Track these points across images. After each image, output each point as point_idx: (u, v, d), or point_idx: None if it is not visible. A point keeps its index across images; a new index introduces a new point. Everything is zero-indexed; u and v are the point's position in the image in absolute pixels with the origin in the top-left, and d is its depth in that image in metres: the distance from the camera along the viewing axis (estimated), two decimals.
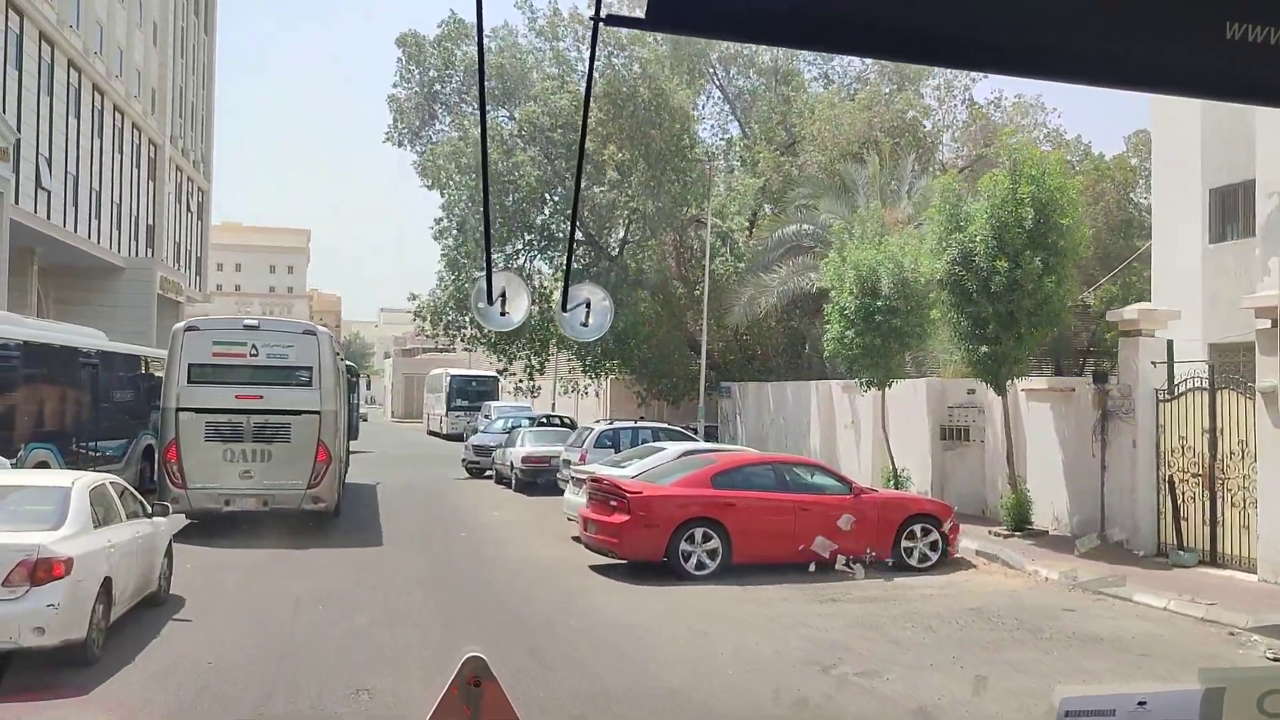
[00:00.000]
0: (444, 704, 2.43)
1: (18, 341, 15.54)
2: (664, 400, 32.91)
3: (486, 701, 2.44)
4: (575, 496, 17.05)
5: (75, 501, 8.98)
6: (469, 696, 2.44)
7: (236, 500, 15.92)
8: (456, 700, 2.44)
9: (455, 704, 2.44)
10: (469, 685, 2.44)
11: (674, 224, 29.85)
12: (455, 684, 2.44)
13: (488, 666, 2.46)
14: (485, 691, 2.44)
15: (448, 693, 2.44)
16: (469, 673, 2.44)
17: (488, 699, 2.44)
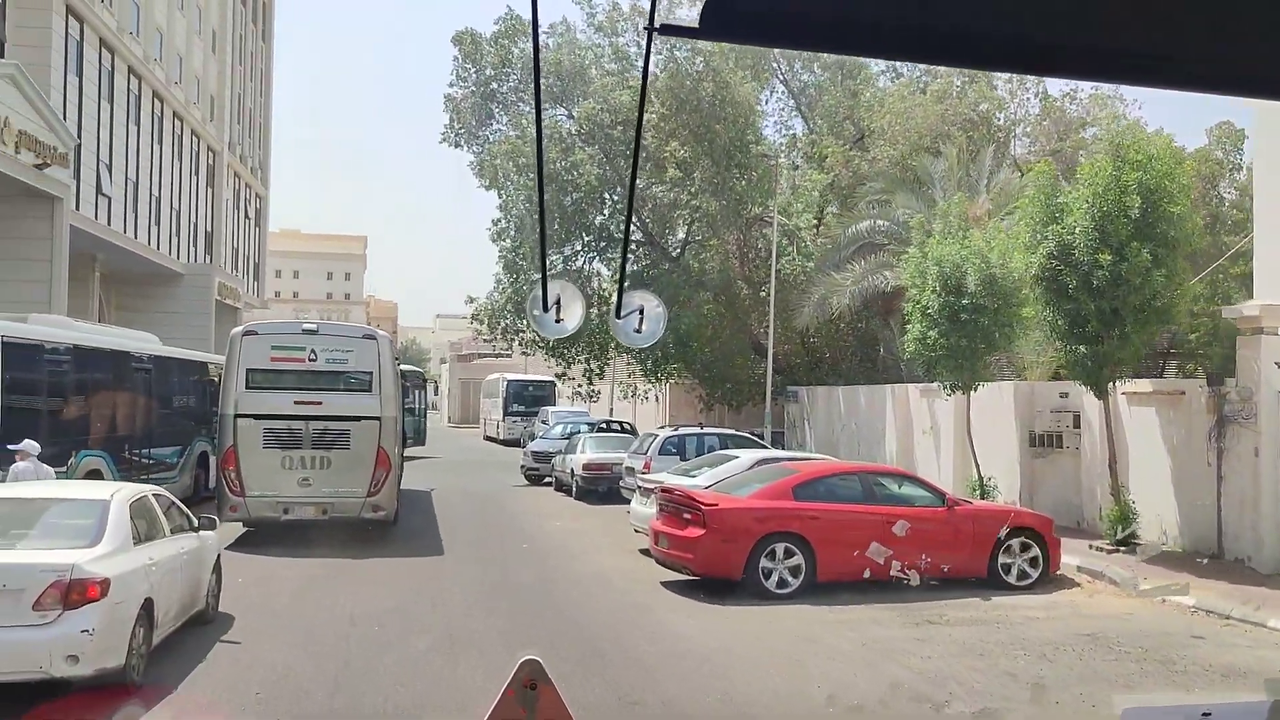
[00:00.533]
0: (500, 707, 2.43)
1: (68, 345, 15.02)
2: (726, 405, 31.89)
3: (542, 705, 2.43)
4: (643, 507, 16.14)
5: (114, 516, 8.25)
6: (525, 699, 2.43)
7: (295, 509, 15.48)
8: (513, 703, 2.43)
9: (511, 707, 2.43)
10: (525, 688, 2.43)
11: (737, 223, 28.87)
12: (511, 687, 2.43)
13: (544, 670, 2.44)
14: (541, 695, 2.43)
15: (504, 696, 2.42)
16: (525, 675, 2.44)
17: (544, 702, 2.43)
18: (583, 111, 29.02)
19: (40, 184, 26.88)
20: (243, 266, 54.74)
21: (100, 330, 17.77)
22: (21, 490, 9.22)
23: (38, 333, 14.28)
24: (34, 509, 8.47)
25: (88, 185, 33.42)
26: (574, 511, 22.08)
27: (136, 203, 38.04)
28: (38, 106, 26.80)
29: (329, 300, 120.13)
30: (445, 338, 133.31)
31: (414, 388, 38.46)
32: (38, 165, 26.64)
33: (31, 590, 7.32)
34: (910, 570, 13.05)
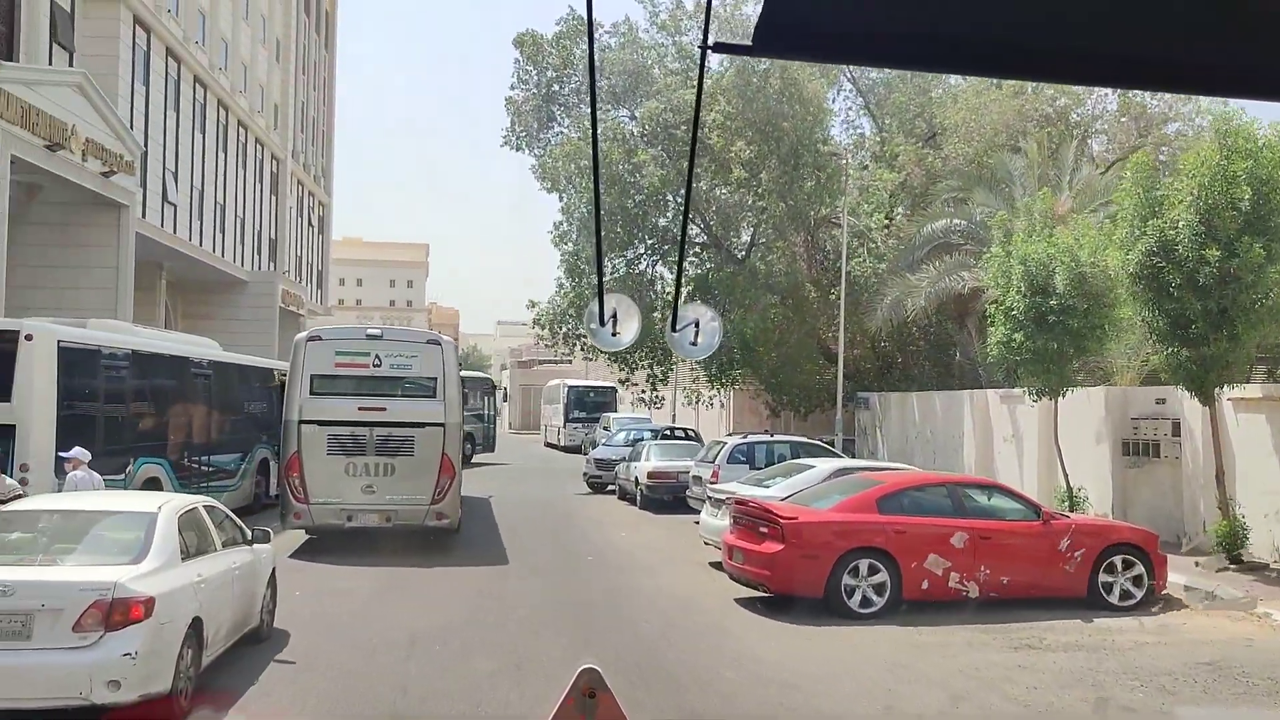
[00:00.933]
0: (559, 715, 2.44)
1: (126, 350, 14.72)
2: (793, 412, 31.01)
3: (601, 713, 2.43)
4: (714, 519, 15.42)
5: (161, 530, 7.75)
6: (584, 707, 2.43)
7: (359, 516, 15.24)
8: (572, 711, 2.43)
9: (570, 715, 2.43)
10: (584, 696, 2.43)
11: (805, 224, 28.02)
12: (571, 695, 2.43)
13: (602, 678, 2.45)
14: (600, 703, 2.43)
15: (563, 704, 2.44)
16: (584, 684, 2.44)
17: (602, 711, 2.43)
18: (645, 112, 28.40)
19: (107, 192, 26.97)
20: (306, 274, 55.08)
21: (160, 335, 17.53)
22: (64, 502, 8.79)
23: (95, 337, 13.99)
24: (78, 522, 8.01)
25: (154, 193, 33.62)
26: (639, 521, 21.42)
27: (202, 210, 38.29)
28: (104, 114, 26.89)
29: (392, 307, 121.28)
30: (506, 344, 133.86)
31: (483, 394, 39.04)
32: (104, 173, 26.73)
33: (71, 610, 6.83)
34: (1002, 589, 12.18)
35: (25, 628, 6.79)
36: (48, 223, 27.60)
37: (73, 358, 13.18)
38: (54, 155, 24.49)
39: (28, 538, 7.73)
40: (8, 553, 7.50)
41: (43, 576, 7.08)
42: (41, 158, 24.10)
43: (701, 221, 29.30)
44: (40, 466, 12.13)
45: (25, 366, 12.16)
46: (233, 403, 19.66)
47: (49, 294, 23.91)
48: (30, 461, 11.98)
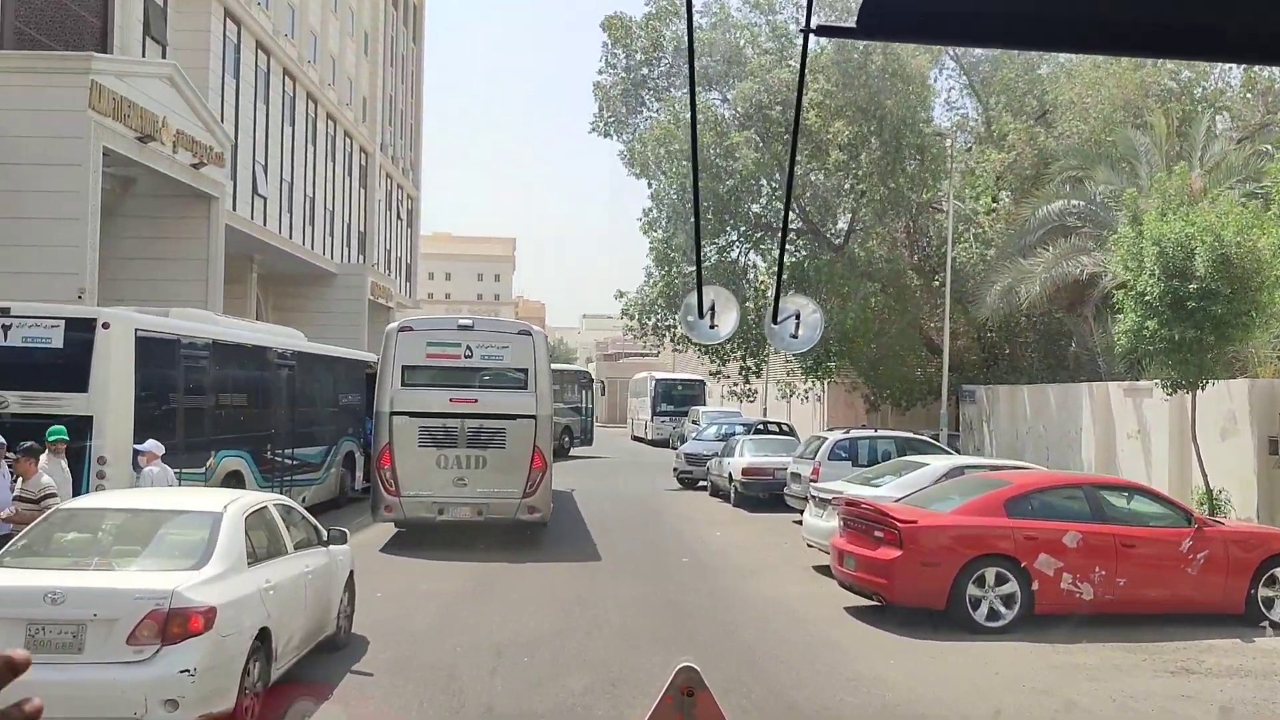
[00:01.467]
0: (657, 713, 2.40)
1: (206, 340, 14.25)
2: (894, 406, 29.63)
3: (699, 712, 2.39)
4: (818, 520, 14.37)
5: (226, 532, 7.05)
6: (682, 706, 2.39)
7: (450, 509, 14.99)
8: (670, 710, 2.40)
9: (668, 714, 2.40)
10: (682, 695, 2.40)
11: (907, 208, 26.63)
12: (669, 693, 2.40)
13: (701, 677, 2.40)
14: (698, 702, 2.40)
15: (660, 702, 2.41)
16: (682, 682, 2.41)
17: (700, 709, 2.39)
18: (739, 93, 27.30)
19: (197, 183, 26.97)
20: (395, 267, 55.26)
21: (242, 325, 17.11)
22: (123, 500, 8.16)
23: (175, 326, 13.52)
24: (137, 524, 7.36)
25: (244, 186, 33.74)
26: (734, 520, 20.43)
27: (291, 203, 38.41)
28: (195, 106, 26.86)
29: (479, 301, 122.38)
30: (592, 337, 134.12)
31: (581, 388, 39.06)
32: (195, 165, 26.71)
33: (126, 621, 6.15)
34: (1146, 603, 10.92)
35: (76, 639, 6.14)
36: (140, 215, 27.73)
37: (151, 347, 12.71)
38: (145, 147, 24.46)
39: (83, 539, 7.11)
40: (61, 555, 6.90)
41: (96, 583, 6.42)
42: (133, 149, 24.08)
43: (797, 207, 28.10)
44: (118, 460, 11.67)
45: (103, 356, 11.71)
46: (317, 394, 19.22)
47: (141, 286, 23.87)
48: (108, 454, 11.52)
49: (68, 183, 22.02)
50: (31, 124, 21.05)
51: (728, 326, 2.39)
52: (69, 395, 11.62)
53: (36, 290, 17.03)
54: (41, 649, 6.06)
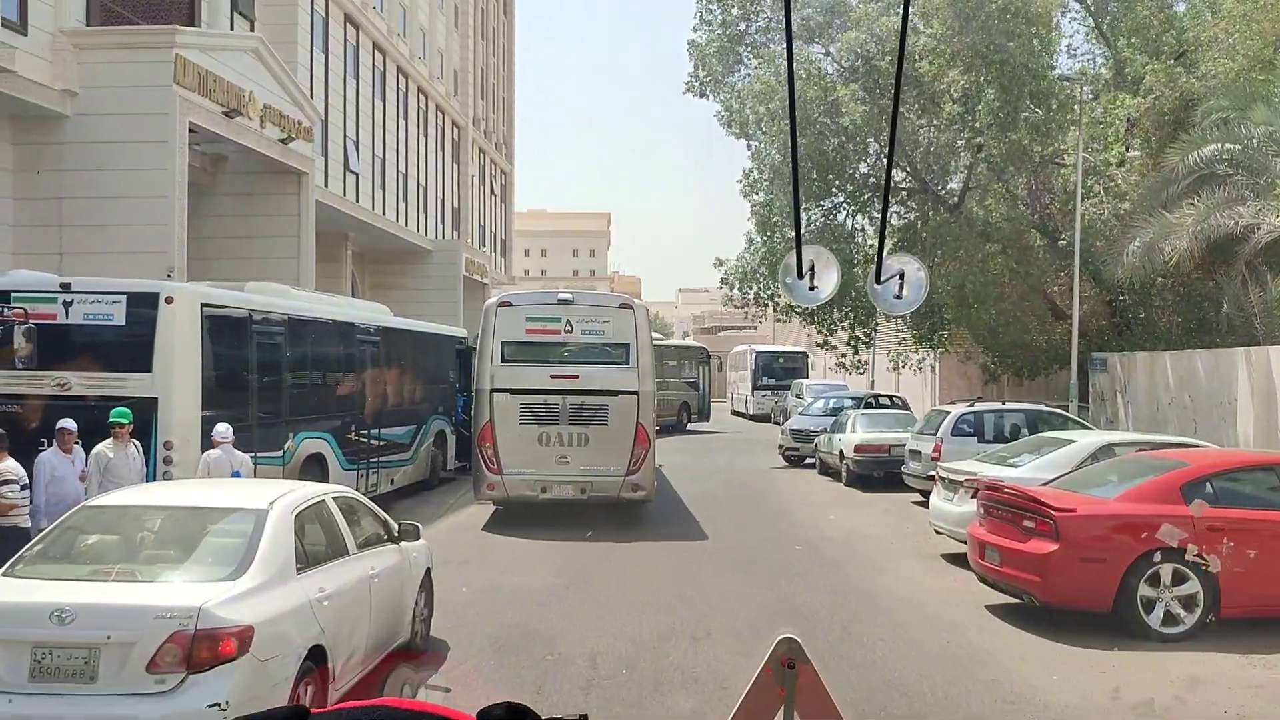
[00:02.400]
0: (757, 686, 2.39)
1: (281, 315, 13.36)
2: (1014, 376, 27.59)
3: (802, 684, 2.37)
4: (947, 504, 12.87)
5: (270, 534, 5.99)
6: (783, 678, 2.38)
7: (553, 488, 14.79)
8: (770, 682, 2.38)
9: (769, 686, 2.38)
10: (783, 667, 2.38)
11: (1029, 162, 24.54)
12: (769, 665, 2.39)
13: (802, 648, 2.37)
14: (800, 674, 2.37)
15: (761, 674, 2.38)
16: (782, 654, 2.39)
17: (803, 681, 2.37)
18: (844, 44, 25.51)
19: (286, 159, 26.52)
20: (490, 242, 54.81)
21: (322, 299, 16.27)
22: (157, 496, 7.15)
23: (245, 300, 12.64)
24: (170, 524, 6.35)
25: (335, 162, 33.34)
26: (848, 501, 18.96)
27: (384, 179, 38.00)
28: (282, 80, 26.36)
29: (575, 277, 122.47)
30: (688, 311, 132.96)
31: (698, 363, 38.79)
32: (283, 140, 26.27)
33: (145, 644, 5.14)
34: None
35: (89, 666, 5.14)
36: (231, 193, 27.49)
37: (220, 323, 11.86)
38: (232, 122, 24.02)
39: (107, 543, 6.15)
40: (80, 562, 5.93)
41: (112, 598, 5.41)
42: (219, 124, 23.63)
43: (907, 164, 26.23)
44: (186, 444, 10.84)
45: (166, 333, 10.86)
46: (405, 371, 18.37)
47: (234, 265, 23.43)
48: (174, 438, 10.70)
49: (154, 160, 21.64)
50: (117, 101, 20.69)
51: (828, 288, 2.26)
52: (133, 375, 10.82)
53: (126, 270, 16.48)
54: (48, 677, 5.09)
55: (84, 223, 19.94)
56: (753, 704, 2.41)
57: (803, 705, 2.39)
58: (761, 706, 2.41)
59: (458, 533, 14.59)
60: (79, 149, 20.33)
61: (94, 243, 19.42)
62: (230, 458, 9.98)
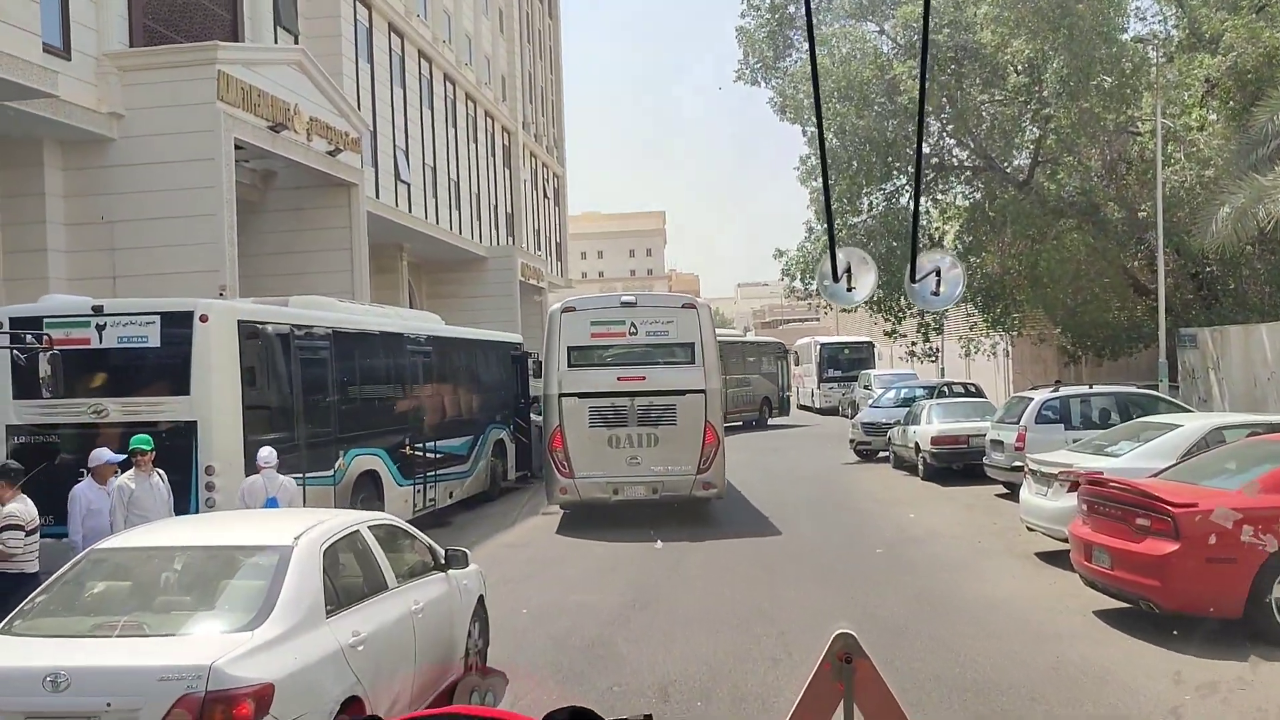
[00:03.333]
0: (816, 681, 2.38)
1: (325, 329, 12.81)
2: (1095, 357, 26.25)
3: (860, 678, 2.38)
4: (1041, 498, 11.89)
5: (295, 575, 5.34)
6: (841, 673, 2.38)
7: (625, 489, 14.91)
8: (828, 677, 2.38)
9: (827, 681, 2.38)
10: (840, 662, 2.38)
11: (1102, 131, 23.27)
12: (826, 660, 2.39)
13: (858, 643, 2.38)
14: (858, 668, 2.38)
15: (819, 670, 2.39)
16: (840, 649, 2.39)
17: (861, 675, 2.38)
18: (899, 20, 24.43)
19: (335, 171, 26.29)
20: (545, 247, 54.47)
21: (369, 311, 15.73)
22: (172, 535, 6.48)
23: (286, 315, 12.10)
24: (186, 568, 5.71)
25: (386, 173, 33.11)
26: (927, 497, 17.98)
27: (435, 188, 37.74)
28: (327, 92, 26.11)
29: (632, 277, 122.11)
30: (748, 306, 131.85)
31: (776, 358, 39.21)
32: (330, 152, 26.02)
33: (150, 712, 4.51)
34: None
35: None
36: (282, 209, 27.36)
37: (259, 339, 11.33)
38: (278, 136, 23.79)
39: (116, 591, 5.54)
40: (85, 614, 5.33)
41: (112, 659, 4.79)
42: (265, 139, 23.40)
43: (971, 141, 25.09)
44: (229, 468, 10.32)
45: (203, 352, 10.36)
46: (459, 381, 17.82)
47: (287, 281, 23.17)
48: (216, 463, 10.18)
49: (202, 178, 21.46)
50: (163, 121, 20.54)
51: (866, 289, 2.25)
52: (171, 399, 10.33)
53: (179, 292, 16.20)
54: None
55: (135, 245, 19.80)
56: (812, 701, 2.40)
57: (862, 700, 2.39)
58: (821, 703, 2.39)
59: (518, 547, 13.97)
60: (127, 171, 20.19)
61: (146, 265, 19.24)
62: (269, 483, 9.42)
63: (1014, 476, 16.27)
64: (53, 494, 9.33)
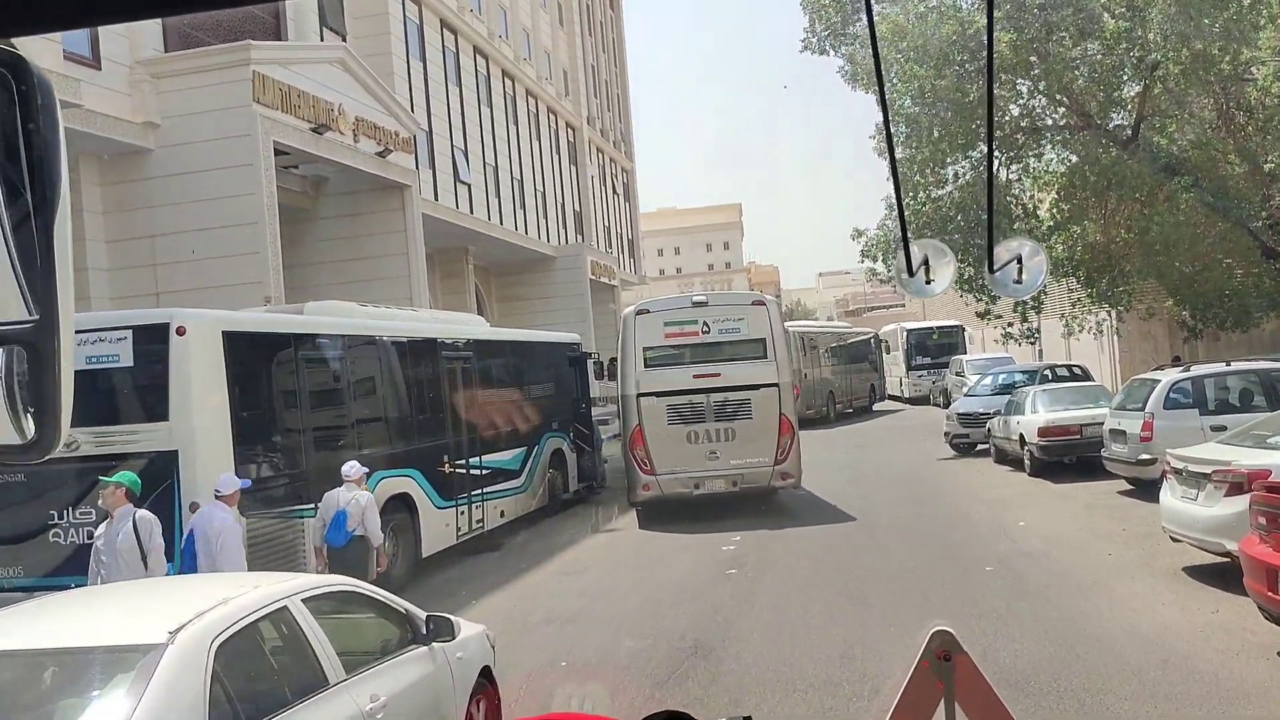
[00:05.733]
0: (915, 679, 2.36)
1: (336, 337, 11.23)
2: (1217, 330, 23.63)
3: (959, 675, 2.35)
4: (1189, 504, 9.79)
5: (160, 693, 3.71)
6: (940, 671, 2.35)
7: (706, 483, 15.29)
8: (928, 674, 2.36)
9: (927, 679, 2.35)
10: (939, 659, 2.35)
11: (1219, 77, 20.74)
12: (924, 658, 2.37)
13: (956, 640, 2.36)
14: (957, 665, 2.36)
15: (918, 667, 2.37)
16: (938, 647, 2.37)
17: (960, 672, 2.35)
18: None
19: (385, 173, 25.18)
20: (616, 244, 53.13)
21: (397, 315, 14.21)
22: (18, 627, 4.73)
23: (290, 323, 10.62)
24: (17, 683, 4.13)
25: (444, 174, 31.99)
26: (1038, 497, 15.84)
27: (498, 187, 36.58)
28: (374, 90, 24.98)
29: (710, 271, 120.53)
30: (830, 295, 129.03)
31: (876, 349, 41.70)
32: (379, 153, 24.89)
33: None
34: None
35: None
36: (335, 215, 26.45)
37: (252, 353, 9.84)
38: (321, 138, 22.70)
39: None
40: None
41: None
42: (308, 142, 22.32)
43: (1065, 97, 22.72)
44: None
45: (182, 371, 8.91)
46: (509, 388, 16.30)
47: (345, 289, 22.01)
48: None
49: (242, 185, 20.48)
50: (199, 128, 19.61)
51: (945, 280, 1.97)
52: (147, 427, 8.92)
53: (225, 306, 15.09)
54: None
55: (177, 259, 18.88)
56: (912, 700, 2.35)
57: (963, 697, 2.35)
58: (921, 702, 2.35)
59: (571, 575, 12.35)
60: (166, 183, 19.29)
61: (189, 279, 18.23)
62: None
63: (1140, 471, 14.17)
64: (21, 544, 8.02)
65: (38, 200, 1.04)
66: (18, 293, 1.04)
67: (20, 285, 1.04)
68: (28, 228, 1.04)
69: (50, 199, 1.04)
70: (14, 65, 1.01)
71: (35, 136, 1.03)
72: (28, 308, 1.04)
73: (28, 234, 1.04)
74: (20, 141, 1.03)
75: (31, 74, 1.02)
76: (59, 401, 1.07)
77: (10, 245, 1.04)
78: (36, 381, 1.06)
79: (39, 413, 1.08)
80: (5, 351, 1.06)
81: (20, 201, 1.04)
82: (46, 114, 1.04)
